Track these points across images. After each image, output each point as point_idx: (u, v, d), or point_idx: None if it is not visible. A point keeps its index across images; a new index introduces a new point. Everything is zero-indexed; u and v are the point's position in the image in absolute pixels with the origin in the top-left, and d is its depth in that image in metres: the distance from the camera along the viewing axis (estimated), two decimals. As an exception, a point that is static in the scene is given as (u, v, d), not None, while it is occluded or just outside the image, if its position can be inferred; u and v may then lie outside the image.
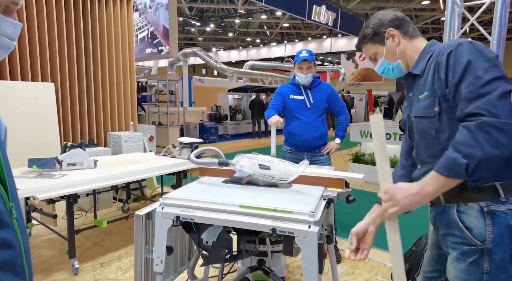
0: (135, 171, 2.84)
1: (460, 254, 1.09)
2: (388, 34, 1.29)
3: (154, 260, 1.56)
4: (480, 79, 0.97)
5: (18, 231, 0.69)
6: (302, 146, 2.76)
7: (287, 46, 20.43)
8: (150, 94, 11.31)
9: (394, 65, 1.31)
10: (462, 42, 1.06)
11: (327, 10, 10.42)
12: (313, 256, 1.29)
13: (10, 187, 0.69)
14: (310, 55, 2.66)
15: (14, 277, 0.67)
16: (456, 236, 1.11)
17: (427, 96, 1.16)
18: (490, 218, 1.03)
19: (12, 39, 0.69)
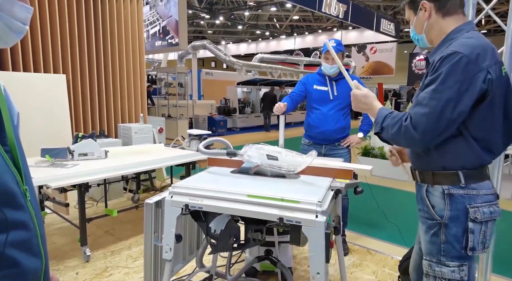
0: (144, 162, 2.88)
1: (427, 227, 1.31)
2: (422, 5, 1.29)
3: (163, 248, 1.59)
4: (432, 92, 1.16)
5: (33, 213, 0.71)
6: (320, 138, 2.69)
7: (297, 39, 20.24)
8: (160, 87, 11.38)
9: (419, 36, 1.36)
10: (449, 55, 1.14)
11: (338, 2, 10.27)
12: (320, 245, 1.30)
13: (24, 171, 0.70)
14: (337, 45, 2.55)
15: (31, 257, 0.68)
16: (424, 211, 1.32)
17: (421, 88, 1.26)
18: (449, 199, 1.23)
19: (24, 23, 0.69)
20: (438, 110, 1.13)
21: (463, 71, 1.11)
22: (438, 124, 1.14)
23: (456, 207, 1.22)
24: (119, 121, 4.69)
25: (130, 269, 2.49)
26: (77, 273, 2.42)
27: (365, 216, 3.65)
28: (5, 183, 0.64)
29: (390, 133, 1.24)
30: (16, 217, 0.65)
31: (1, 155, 0.65)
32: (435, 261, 1.27)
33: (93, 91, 4.39)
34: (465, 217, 1.21)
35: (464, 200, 1.21)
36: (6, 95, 0.78)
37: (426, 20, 1.29)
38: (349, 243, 2.89)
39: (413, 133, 1.16)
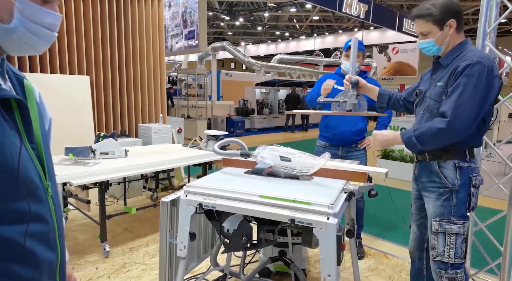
0: (163, 161, 2.94)
1: (438, 195, 1.63)
2: (449, 23, 1.54)
3: (178, 245, 1.62)
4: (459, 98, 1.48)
5: (52, 208, 0.74)
6: (337, 139, 2.65)
7: (317, 40, 20.08)
8: (180, 88, 11.57)
9: (437, 48, 1.61)
10: (473, 64, 1.46)
11: (358, 2, 10.12)
12: (331, 247, 1.30)
13: (47, 168, 0.75)
14: (359, 44, 2.51)
15: (48, 250, 0.72)
16: (435, 182, 1.64)
17: (441, 86, 1.58)
18: (459, 170, 1.58)
19: (52, 30, 0.70)
20: (475, 108, 1.45)
21: (487, 78, 1.45)
22: (473, 118, 1.47)
23: (464, 177, 1.58)
24: (139, 121, 4.81)
25: (147, 265, 2.56)
26: (97, 268, 2.50)
27: (383, 219, 3.59)
28: (30, 176, 0.68)
29: (429, 137, 1.54)
30: (36, 209, 0.69)
31: (28, 151, 0.69)
32: (446, 221, 1.60)
33: (115, 92, 4.52)
34: (469, 184, 1.58)
35: (468, 171, 1.58)
36: (41, 101, 0.84)
37: (449, 35, 1.57)
38: (365, 246, 2.85)
39: (458, 126, 1.46)
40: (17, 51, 0.71)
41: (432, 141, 1.55)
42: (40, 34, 0.69)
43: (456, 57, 1.56)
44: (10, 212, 0.64)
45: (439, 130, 1.49)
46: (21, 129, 0.68)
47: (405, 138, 1.62)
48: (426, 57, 10.48)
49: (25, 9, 0.65)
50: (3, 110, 0.65)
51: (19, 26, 0.65)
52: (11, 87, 0.72)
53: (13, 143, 0.64)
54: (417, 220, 1.87)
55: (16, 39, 0.66)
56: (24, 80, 0.76)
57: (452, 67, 1.54)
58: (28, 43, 0.68)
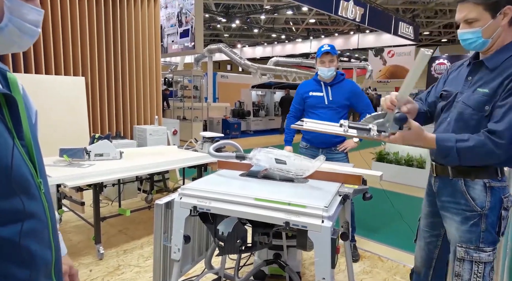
0: (158, 163, 2.93)
1: (464, 218, 1.40)
2: (505, 10, 1.24)
3: (172, 248, 1.62)
4: None
5: (46, 206, 0.74)
6: (317, 142, 2.72)
7: (313, 42, 20.16)
8: (176, 90, 11.55)
9: (483, 41, 1.29)
10: None
11: (354, 5, 10.20)
12: (325, 250, 1.30)
13: (38, 165, 0.74)
14: (332, 48, 2.62)
15: (43, 248, 0.71)
16: (461, 204, 1.41)
17: (486, 94, 1.29)
18: (490, 191, 1.36)
19: (36, 25, 0.70)
20: None
21: None
22: None
23: (495, 199, 1.36)
24: (134, 122, 4.79)
25: (141, 268, 2.54)
26: (91, 271, 2.48)
27: (377, 222, 3.60)
28: (23, 174, 0.67)
29: (475, 155, 1.28)
30: (31, 207, 0.68)
31: (18, 148, 0.68)
32: (473, 248, 1.38)
33: (111, 93, 4.50)
34: (500, 206, 1.36)
35: (500, 191, 1.37)
36: (25, 94, 0.82)
37: (501, 26, 1.25)
38: (360, 249, 2.86)
39: (501, 155, 1.23)
40: (5, 50, 0.70)
41: (475, 160, 1.31)
42: (27, 31, 0.69)
43: (507, 60, 1.27)
44: (5, 211, 0.63)
45: (489, 152, 1.24)
46: (10, 126, 0.67)
47: (442, 145, 1.31)
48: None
49: (13, 7, 0.65)
50: None
51: (9, 24, 0.65)
52: None
53: (5, 140, 0.63)
54: (427, 238, 1.66)
55: (4, 37, 0.66)
56: (8, 73, 0.74)
57: (506, 72, 1.25)
58: (15, 41, 0.68)
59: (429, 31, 20.12)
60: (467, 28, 1.30)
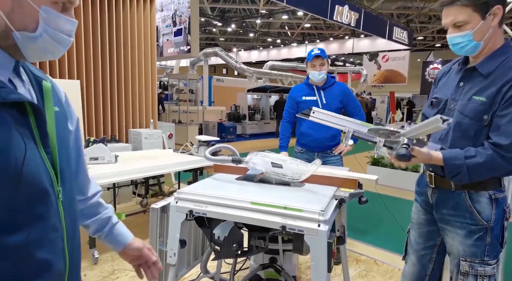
0: (153, 167, 2.92)
1: (468, 232, 1.33)
2: (494, 11, 1.18)
3: (168, 252, 1.61)
4: None
5: (62, 215, 0.72)
6: (312, 146, 2.73)
7: (308, 47, 20.27)
8: (171, 93, 11.53)
9: (475, 44, 1.21)
10: None
11: (349, 10, 10.29)
12: (322, 254, 1.30)
13: (61, 173, 0.73)
14: (322, 52, 2.64)
15: (55, 258, 0.70)
16: (465, 217, 1.34)
17: (483, 102, 1.22)
18: (495, 203, 1.30)
19: (69, 35, 0.72)
20: None
21: None
22: None
23: (499, 210, 1.31)
24: (130, 126, 4.77)
25: (136, 273, 2.52)
26: (85, 275, 2.45)
27: (372, 226, 3.61)
28: (38, 181, 0.67)
29: (485, 171, 1.23)
30: (43, 215, 0.68)
31: (41, 155, 0.68)
32: (478, 262, 1.33)
33: (106, 96, 4.48)
34: (503, 217, 1.33)
35: (503, 202, 1.32)
36: (67, 101, 0.86)
37: (491, 27, 1.19)
38: (355, 253, 2.86)
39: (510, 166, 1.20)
40: (36, 58, 0.72)
41: (484, 176, 1.25)
42: (61, 40, 0.71)
43: (501, 65, 1.20)
44: (15, 219, 0.63)
45: (498, 167, 1.20)
46: (35, 133, 0.68)
47: (451, 164, 1.23)
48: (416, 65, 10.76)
49: (49, 18, 0.67)
50: (17, 114, 0.65)
51: (43, 33, 0.67)
52: (30, 90, 0.72)
53: (19, 146, 0.64)
54: (420, 251, 1.54)
55: (38, 46, 0.68)
56: (43, 81, 0.76)
57: (503, 79, 1.18)
58: (49, 50, 0.70)
59: (423, 36, 20.36)
60: (456, 32, 1.23)
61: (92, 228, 0.98)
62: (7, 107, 0.62)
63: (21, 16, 0.64)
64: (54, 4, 0.67)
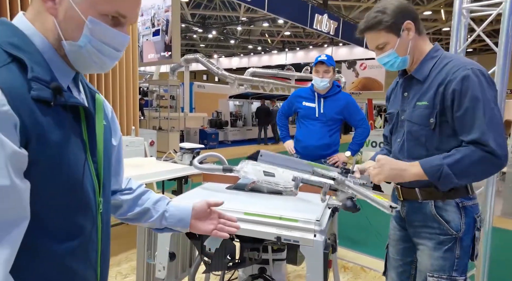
0: (137, 176, 2.82)
1: (437, 243, 1.28)
2: (405, 26, 1.25)
3: (156, 266, 1.54)
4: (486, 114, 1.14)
5: (100, 227, 0.72)
6: (304, 153, 2.69)
7: (288, 54, 20.55)
8: (151, 99, 11.34)
9: (401, 59, 1.29)
10: (469, 75, 1.16)
11: (329, 19, 10.51)
12: (318, 265, 1.28)
13: (104, 184, 0.74)
14: (329, 59, 2.58)
15: (87, 268, 0.70)
16: (433, 228, 1.29)
17: (426, 106, 1.26)
18: (464, 211, 1.25)
19: (118, 50, 0.72)
20: (501, 125, 1.17)
21: (492, 84, 1.19)
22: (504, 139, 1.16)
23: (469, 219, 1.25)
24: (110, 133, 4.63)
25: (119, 287, 2.41)
26: None
27: (358, 233, 3.64)
28: (86, 191, 0.68)
29: (469, 165, 1.14)
30: (85, 225, 0.68)
31: (88, 164, 0.69)
32: (446, 277, 1.26)
33: (85, 103, 4.34)
34: (473, 227, 1.26)
35: (473, 210, 1.27)
36: (113, 117, 0.87)
37: (410, 40, 1.27)
38: (342, 260, 2.86)
39: (501, 158, 1.12)
40: (85, 69, 0.73)
41: (474, 172, 1.18)
42: (107, 52, 0.70)
43: (433, 68, 1.26)
44: (65, 228, 0.64)
45: (483, 159, 1.12)
46: (86, 140, 0.70)
47: (429, 167, 1.17)
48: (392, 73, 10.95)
49: (95, 29, 0.66)
50: (72, 119, 0.67)
51: (88, 44, 0.67)
52: (84, 99, 0.75)
53: (79, 156, 0.66)
54: (398, 267, 1.49)
55: (83, 56, 0.68)
56: (96, 94, 0.80)
57: (437, 80, 1.22)
58: (95, 61, 0.70)
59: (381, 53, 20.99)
60: (381, 53, 1.31)
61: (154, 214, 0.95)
62: (67, 111, 0.65)
63: (70, 26, 0.65)
64: (103, 17, 0.67)
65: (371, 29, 1.28)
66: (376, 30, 1.27)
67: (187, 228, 0.98)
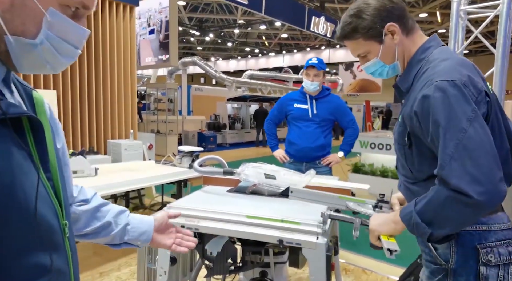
0: (136, 180, 2.81)
1: (430, 272, 1.07)
2: (387, 29, 1.04)
3: (157, 271, 1.53)
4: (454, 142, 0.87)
5: (69, 255, 0.62)
6: (299, 156, 2.71)
7: (286, 57, 20.59)
8: (149, 103, 11.32)
9: (390, 67, 1.10)
10: (430, 95, 0.91)
11: (326, 21, 10.54)
12: (321, 268, 1.27)
13: (65, 203, 0.62)
14: (320, 63, 2.64)
15: None
16: (426, 253, 1.08)
17: (399, 123, 1.08)
18: (454, 239, 0.97)
19: (77, 47, 0.61)
20: (480, 151, 0.87)
21: (468, 101, 0.88)
22: (496, 165, 0.86)
23: (463, 249, 0.97)
24: (108, 137, 4.61)
25: (119, 292, 2.39)
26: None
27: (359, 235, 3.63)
28: (45, 217, 0.55)
29: (438, 210, 0.90)
30: (53, 259, 0.56)
31: (43, 183, 0.57)
32: None
33: (83, 106, 4.32)
34: (475, 259, 0.95)
35: (473, 238, 0.96)
36: (51, 115, 0.71)
37: (396, 45, 1.06)
38: (343, 262, 2.85)
39: (472, 197, 0.83)
40: (31, 69, 0.60)
41: (445, 216, 0.90)
42: (64, 51, 0.59)
43: (416, 77, 1.03)
44: (25, 268, 0.52)
45: (449, 200, 0.87)
46: (35, 156, 0.56)
47: (403, 217, 0.98)
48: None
49: (55, 23, 0.56)
50: (14, 132, 0.52)
51: (45, 41, 0.55)
52: (21, 102, 0.61)
53: (28, 179, 0.53)
54: None
55: (36, 55, 0.56)
56: (33, 92, 0.65)
57: (414, 93, 0.99)
58: (48, 61, 0.58)
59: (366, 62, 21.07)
60: (365, 62, 1.12)
61: None
62: (6, 124, 0.51)
63: (21, 17, 0.53)
64: (64, 8, 0.56)
65: (347, 38, 1.09)
66: (353, 39, 1.08)
67: (148, 241, 0.91)
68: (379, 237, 1.09)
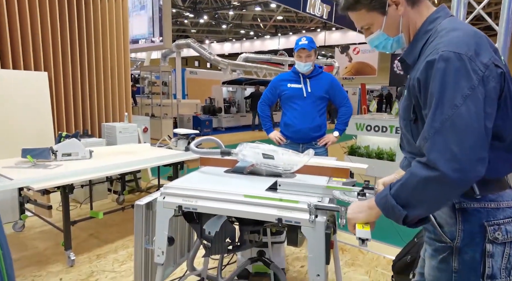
0: (132, 162, 2.79)
1: (433, 250, 1.05)
2: (391, 0, 1.02)
3: (155, 251, 1.52)
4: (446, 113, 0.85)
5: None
6: (296, 137, 2.70)
7: (281, 39, 20.30)
8: (143, 86, 11.17)
9: (394, 39, 1.08)
10: (434, 62, 0.88)
11: (322, 3, 10.34)
12: (320, 246, 1.27)
13: None
14: (310, 43, 2.60)
15: None
16: (430, 231, 1.07)
17: (406, 97, 1.04)
18: (461, 215, 0.96)
19: None
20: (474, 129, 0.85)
21: (469, 76, 0.85)
22: (480, 146, 0.84)
23: (470, 226, 0.95)
24: (103, 120, 4.55)
25: (117, 273, 2.40)
26: (61, 279, 2.31)
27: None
28: None
29: (412, 190, 0.90)
30: None
31: None
32: None
33: (76, 89, 4.24)
34: (482, 237, 0.94)
35: (480, 215, 0.95)
36: None
37: (401, 16, 1.03)
38: (340, 242, 2.88)
39: (449, 176, 0.82)
40: None
41: (421, 197, 0.89)
42: None
43: (424, 47, 0.99)
44: None
45: (426, 181, 0.86)
46: None
47: (378, 201, 0.99)
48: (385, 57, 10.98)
49: None
50: None
51: None
52: None
53: None
54: (421, 268, 1.27)
55: None
56: None
57: (419, 67, 0.95)
58: None
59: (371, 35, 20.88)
60: (369, 34, 1.10)
61: None
62: None
63: None
64: None
65: (350, 9, 1.09)
66: (356, 10, 1.07)
67: None
68: (354, 225, 1.07)
